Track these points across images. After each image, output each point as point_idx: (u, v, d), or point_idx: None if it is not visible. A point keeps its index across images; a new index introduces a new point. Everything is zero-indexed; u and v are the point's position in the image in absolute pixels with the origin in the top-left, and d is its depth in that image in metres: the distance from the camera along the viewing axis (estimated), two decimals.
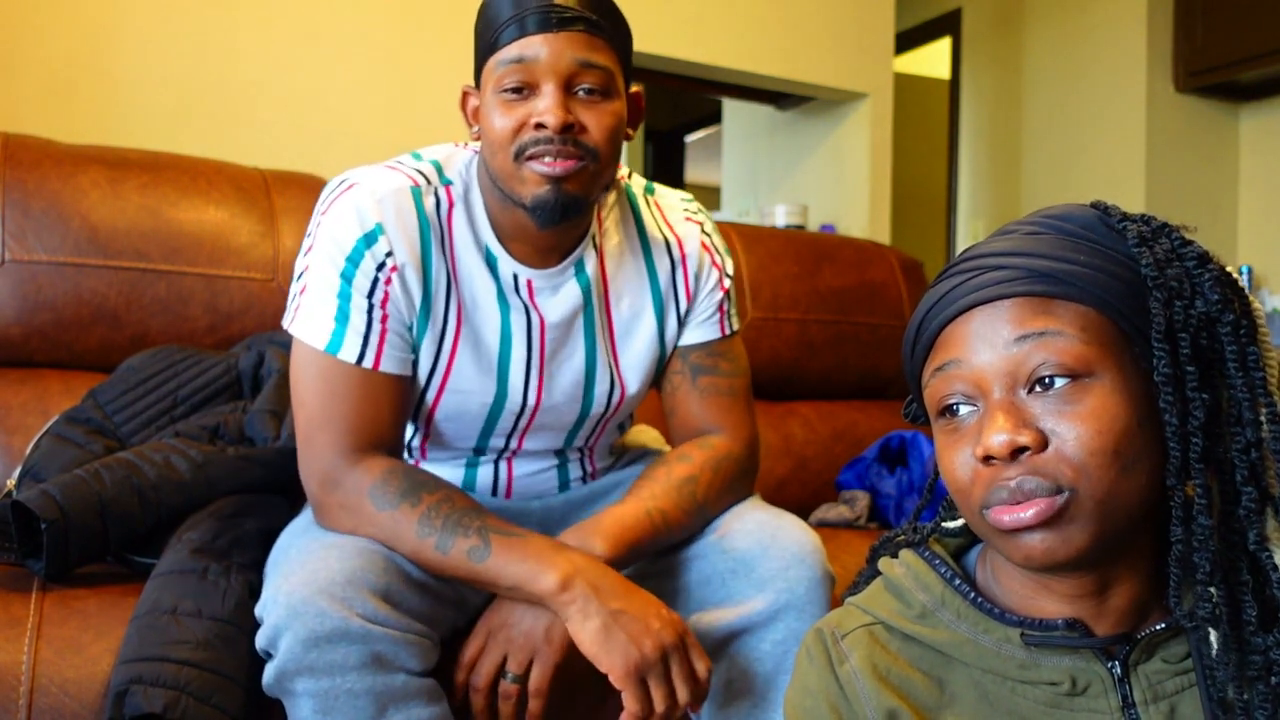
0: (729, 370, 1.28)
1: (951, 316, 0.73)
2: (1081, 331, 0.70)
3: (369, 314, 1.10)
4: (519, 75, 1.06)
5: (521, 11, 1.06)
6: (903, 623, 0.77)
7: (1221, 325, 0.70)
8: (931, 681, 0.76)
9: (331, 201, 1.12)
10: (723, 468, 1.22)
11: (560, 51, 1.06)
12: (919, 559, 0.80)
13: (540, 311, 1.18)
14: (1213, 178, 3.93)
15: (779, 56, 3.44)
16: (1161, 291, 0.69)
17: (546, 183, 1.07)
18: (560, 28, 1.06)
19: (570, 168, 1.07)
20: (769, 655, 1.13)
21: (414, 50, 2.79)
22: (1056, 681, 0.73)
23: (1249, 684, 0.69)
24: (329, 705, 1.00)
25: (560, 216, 1.10)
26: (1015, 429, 0.68)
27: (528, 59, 1.06)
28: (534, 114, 1.06)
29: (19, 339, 1.62)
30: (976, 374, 0.71)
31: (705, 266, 1.26)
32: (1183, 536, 0.70)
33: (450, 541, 1.06)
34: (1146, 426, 0.70)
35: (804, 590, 1.14)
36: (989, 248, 0.75)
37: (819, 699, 0.77)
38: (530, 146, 1.07)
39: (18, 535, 1.21)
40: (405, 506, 1.08)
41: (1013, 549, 0.70)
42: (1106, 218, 0.74)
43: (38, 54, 2.37)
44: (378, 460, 1.11)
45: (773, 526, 1.18)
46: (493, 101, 1.08)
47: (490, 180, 1.14)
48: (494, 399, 1.19)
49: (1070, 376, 0.69)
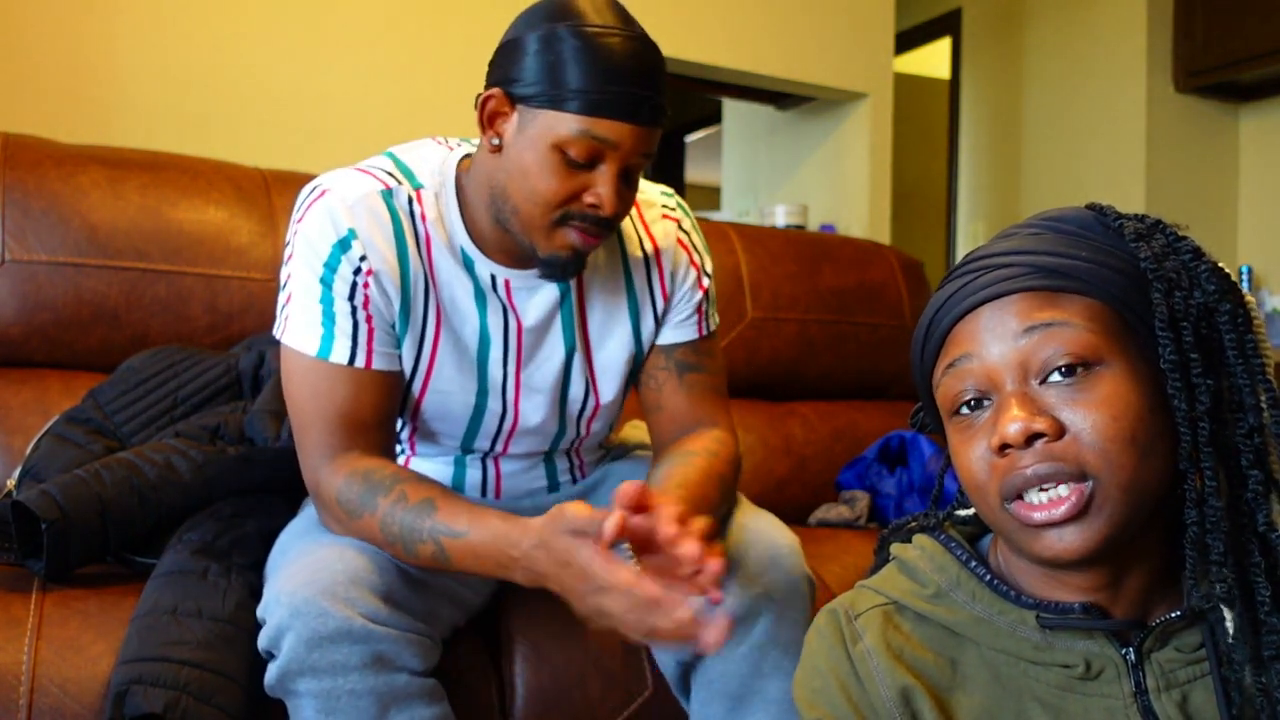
0: (712, 367, 1.28)
1: (960, 315, 0.75)
2: (1089, 322, 0.71)
3: (353, 315, 1.10)
4: (589, 152, 1.04)
5: (610, 89, 1.02)
6: (917, 602, 0.78)
7: (1219, 314, 0.72)
8: (944, 661, 0.76)
9: (305, 209, 1.12)
10: (735, 461, 1.22)
11: (636, 145, 1.05)
12: (934, 541, 0.81)
13: (518, 313, 1.18)
14: (1213, 178, 3.93)
15: (779, 56, 3.44)
16: (1161, 283, 0.71)
17: (572, 250, 1.09)
18: (649, 123, 1.05)
19: (598, 243, 1.10)
20: (747, 656, 1.13)
21: (414, 50, 2.79)
22: (1070, 664, 0.74)
23: (1266, 665, 0.70)
24: (331, 705, 1.00)
25: (568, 276, 1.14)
26: (1030, 416, 0.69)
27: (607, 141, 1.04)
28: (589, 193, 1.06)
29: (19, 339, 1.62)
30: (988, 368, 0.72)
31: (682, 265, 1.25)
32: (1196, 519, 0.71)
33: (413, 548, 1.05)
34: (1157, 414, 0.71)
35: (781, 592, 1.13)
36: (992, 249, 0.76)
37: (829, 678, 0.77)
38: (578, 220, 1.07)
39: (18, 535, 1.21)
40: (367, 515, 1.07)
41: (1039, 545, 0.71)
42: (1103, 217, 0.76)
43: (38, 54, 2.37)
44: (347, 461, 1.10)
45: (751, 528, 1.17)
46: (545, 157, 1.05)
47: (490, 199, 1.12)
48: (475, 398, 1.19)
49: (1082, 364, 0.70)
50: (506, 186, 1.09)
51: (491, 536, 1.02)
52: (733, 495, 1.23)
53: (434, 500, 1.05)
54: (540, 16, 1.05)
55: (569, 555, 0.94)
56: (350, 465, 1.09)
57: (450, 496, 1.07)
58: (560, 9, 1.05)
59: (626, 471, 1.34)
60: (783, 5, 3.43)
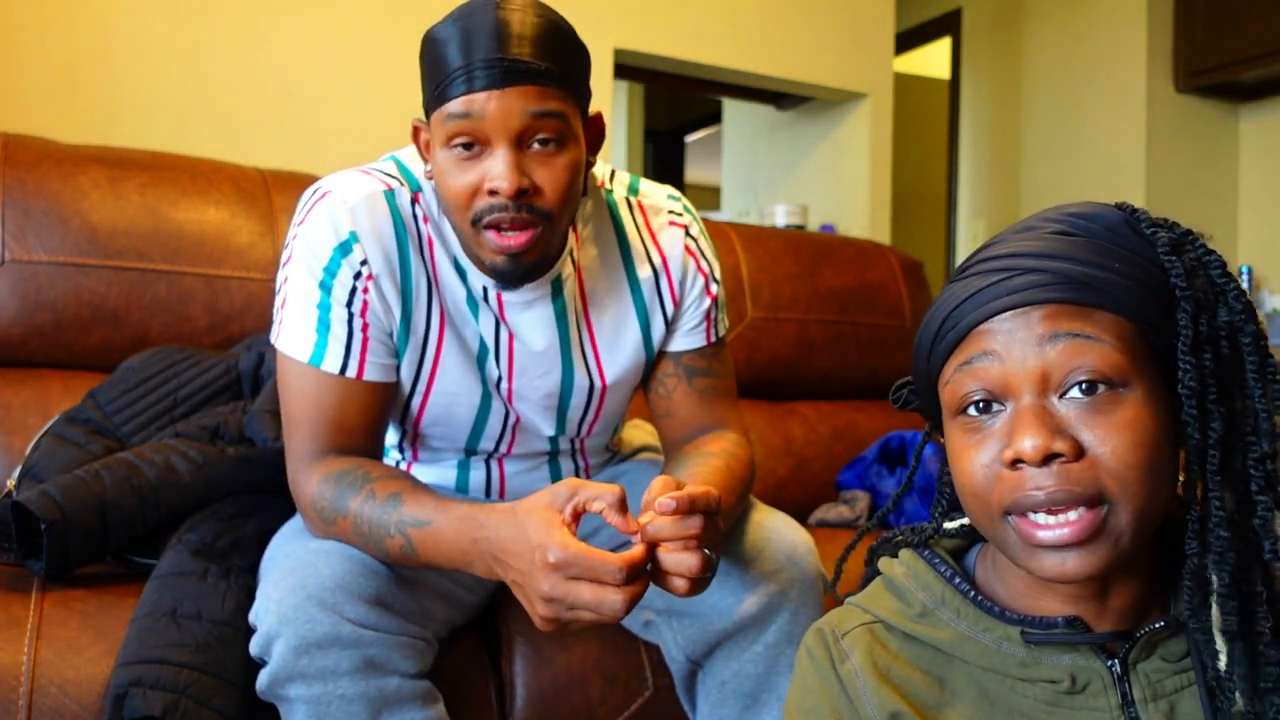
0: (721, 371, 1.28)
1: (984, 317, 0.71)
2: (1117, 340, 0.69)
3: (349, 324, 1.09)
4: (468, 133, 1.01)
5: (469, 64, 1.00)
6: (903, 621, 0.77)
7: (1244, 335, 0.70)
8: (932, 680, 0.76)
9: (307, 211, 1.11)
10: (752, 464, 1.21)
11: (510, 108, 1.00)
12: (918, 559, 0.80)
13: (510, 326, 1.16)
14: (1213, 178, 3.93)
15: (779, 56, 3.44)
16: (1190, 303, 0.69)
17: (504, 254, 1.05)
18: (509, 83, 1.00)
19: (527, 240, 1.04)
20: (761, 656, 1.13)
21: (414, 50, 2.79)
22: (1056, 679, 0.73)
23: (1262, 696, 0.69)
24: (323, 711, 1.00)
25: (522, 282, 1.10)
26: (1050, 435, 0.67)
27: (475, 115, 1.00)
28: (487, 178, 1.02)
29: (19, 339, 1.62)
30: (1007, 374, 0.70)
31: (690, 272, 1.23)
32: (1198, 549, 0.69)
33: (382, 544, 1.04)
34: (1169, 439, 0.69)
35: (797, 591, 1.13)
36: (1019, 247, 0.73)
37: (819, 699, 0.77)
38: (486, 214, 1.03)
39: (18, 535, 1.21)
40: (340, 519, 1.06)
41: (1036, 563, 0.69)
42: (1134, 222, 0.73)
43: (38, 54, 2.37)
44: (324, 464, 1.10)
45: (766, 527, 1.17)
46: (444, 156, 1.04)
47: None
48: (481, 399, 1.19)
49: (1107, 384, 0.68)
50: (444, 207, 1.08)
51: (457, 520, 1.00)
52: (749, 498, 1.23)
53: (401, 494, 1.04)
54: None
55: (528, 520, 0.93)
56: (326, 469, 1.09)
57: (419, 489, 1.06)
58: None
59: (637, 474, 1.33)
60: (783, 5, 3.43)
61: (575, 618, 0.92)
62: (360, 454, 1.12)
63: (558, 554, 0.89)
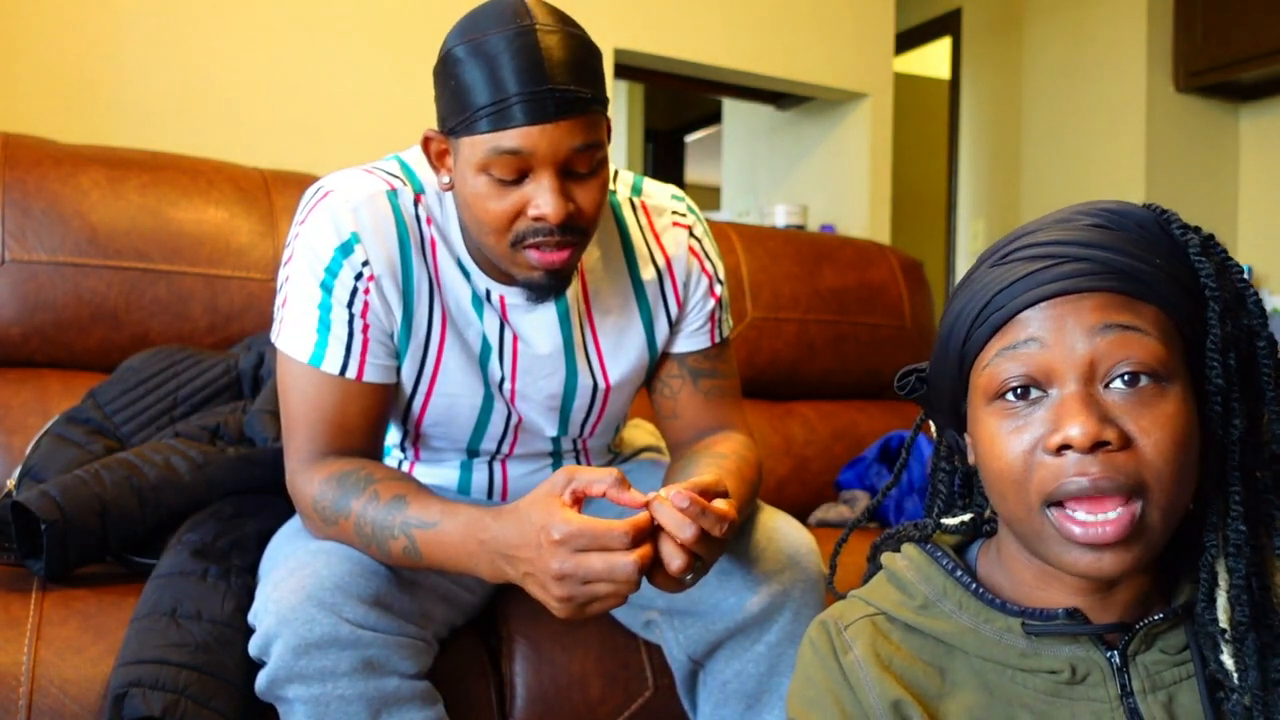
0: (726, 372, 1.28)
1: (1031, 302, 0.71)
2: (1160, 334, 0.70)
3: (350, 324, 1.09)
4: (510, 166, 1.00)
5: (510, 95, 0.97)
6: (905, 613, 0.78)
7: (1259, 339, 0.72)
8: (933, 670, 0.76)
9: (309, 211, 1.10)
10: (760, 465, 1.22)
11: (558, 142, 0.99)
12: (920, 552, 0.81)
13: (513, 328, 1.16)
14: (1213, 178, 3.93)
15: (779, 56, 3.44)
16: (1218, 304, 0.70)
17: (543, 269, 1.05)
18: (559, 116, 0.98)
19: (568, 256, 1.04)
20: (763, 656, 1.13)
21: (415, 50, 2.79)
22: (1056, 670, 0.74)
23: (1271, 689, 0.70)
24: (322, 711, 1.00)
25: (557, 293, 1.10)
26: (1099, 422, 0.67)
27: (524, 152, 0.99)
28: (530, 204, 1.01)
29: (19, 339, 1.62)
30: (1053, 361, 0.70)
31: (694, 273, 1.23)
32: (1217, 543, 0.71)
33: (385, 546, 1.04)
34: (1196, 438, 0.70)
35: (799, 591, 1.13)
36: (1061, 235, 0.73)
37: (822, 689, 0.77)
38: (529, 236, 1.02)
39: (18, 535, 1.21)
40: (341, 520, 1.06)
41: (1070, 558, 0.70)
42: (1164, 223, 0.74)
43: (38, 54, 2.37)
44: (325, 465, 1.09)
45: (769, 527, 1.17)
46: (479, 181, 1.02)
47: (464, 230, 1.11)
48: (483, 399, 1.19)
49: (1151, 377, 0.68)
50: (466, 221, 1.07)
51: (463, 523, 1.00)
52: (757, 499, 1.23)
53: (406, 496, 1.04)
54: (445, 42, 1.03)
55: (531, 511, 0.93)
56: (328, 470, 1.08)
57: (423, 492, 1.06)
58: (458, 27, 1.02)
59: (638, 475, 1.33)
60: (783, 5, 3.43)
61: (591, 593, 0.92)
62: (360, 455, 1.12)
63: (562, 529, 0.90)
